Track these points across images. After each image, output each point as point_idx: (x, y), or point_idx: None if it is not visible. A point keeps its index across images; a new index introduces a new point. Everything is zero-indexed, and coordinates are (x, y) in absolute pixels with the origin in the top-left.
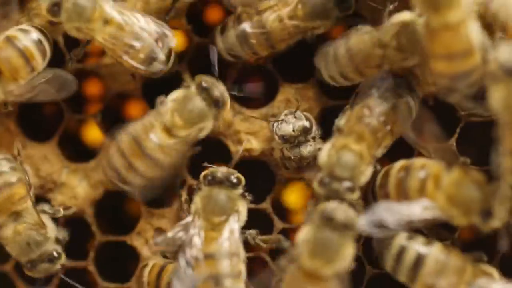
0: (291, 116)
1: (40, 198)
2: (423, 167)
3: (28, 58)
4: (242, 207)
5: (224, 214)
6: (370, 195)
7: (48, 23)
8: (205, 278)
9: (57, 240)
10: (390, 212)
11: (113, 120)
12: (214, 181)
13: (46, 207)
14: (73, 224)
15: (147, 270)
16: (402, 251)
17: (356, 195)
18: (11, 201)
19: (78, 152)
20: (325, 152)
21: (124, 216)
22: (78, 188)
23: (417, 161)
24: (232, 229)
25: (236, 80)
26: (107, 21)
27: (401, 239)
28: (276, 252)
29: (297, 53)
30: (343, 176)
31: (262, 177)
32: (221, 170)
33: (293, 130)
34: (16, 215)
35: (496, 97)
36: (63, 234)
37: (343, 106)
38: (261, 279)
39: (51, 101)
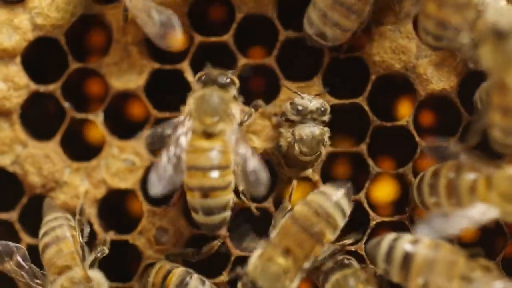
0: (309, 96)
1: (42, 197)
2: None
3: None
4: (235, 110)
5: (216, 114)
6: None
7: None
8: (193, 188)
9: None
10: (446, 221)
11: (115, 119)
12: (208, 80)
13: (93, 254)
14: None
15: (153, 270)
16: (390, 251)
17: None
18: (59, 254)
19: (80, 151)
20: (253, 259)
21: (126, 215)
22: (80, 188)
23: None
24: (224, 137)
25: (239, 78)
26: None
27: (388, 240)
28: None
29: (299, 52)
30: None
31: None
32: (216, 71)
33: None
34: (64, 271)
35: (486, 56)
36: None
37: (345, 104)
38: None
39: None
